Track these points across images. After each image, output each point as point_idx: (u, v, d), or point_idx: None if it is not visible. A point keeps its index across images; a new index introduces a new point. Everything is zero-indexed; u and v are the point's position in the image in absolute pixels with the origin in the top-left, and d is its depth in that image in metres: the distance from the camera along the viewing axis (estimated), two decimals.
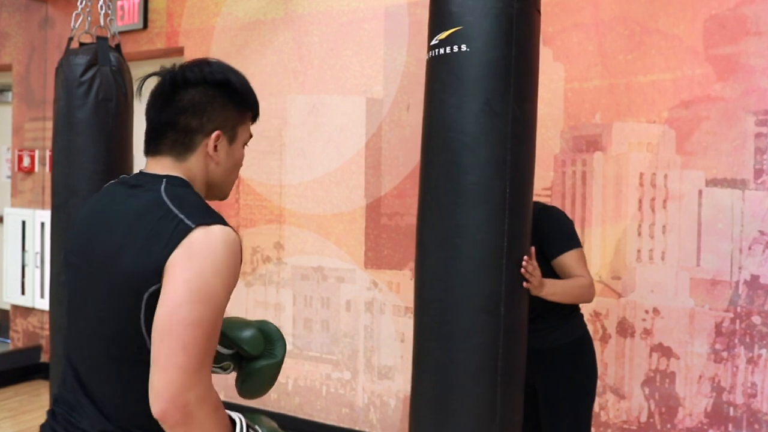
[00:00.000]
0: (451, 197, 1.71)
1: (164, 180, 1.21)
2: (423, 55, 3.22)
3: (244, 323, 1.36)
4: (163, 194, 1.17)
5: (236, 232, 1.17)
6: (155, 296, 1.09)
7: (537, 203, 2.20)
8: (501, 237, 1.70)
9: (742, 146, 2.54)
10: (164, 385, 1.05)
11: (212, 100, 1.24)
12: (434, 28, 1.76)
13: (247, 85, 1.30)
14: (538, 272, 1.85)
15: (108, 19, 2.59)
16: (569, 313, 2.16)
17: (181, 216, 1.12)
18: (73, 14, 2.58)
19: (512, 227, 1.72)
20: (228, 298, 1.13)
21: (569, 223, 2.16)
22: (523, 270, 1.78)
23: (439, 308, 1.73)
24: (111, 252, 1.15)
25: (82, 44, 2.54)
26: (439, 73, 1.73)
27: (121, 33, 3.00)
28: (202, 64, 1.26)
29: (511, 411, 1.73)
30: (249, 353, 1.33)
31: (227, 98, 1.26)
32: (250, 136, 1.33)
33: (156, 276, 1.09)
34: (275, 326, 1.40)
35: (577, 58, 2.84)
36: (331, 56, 3.43)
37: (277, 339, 1.37)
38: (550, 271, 2.06)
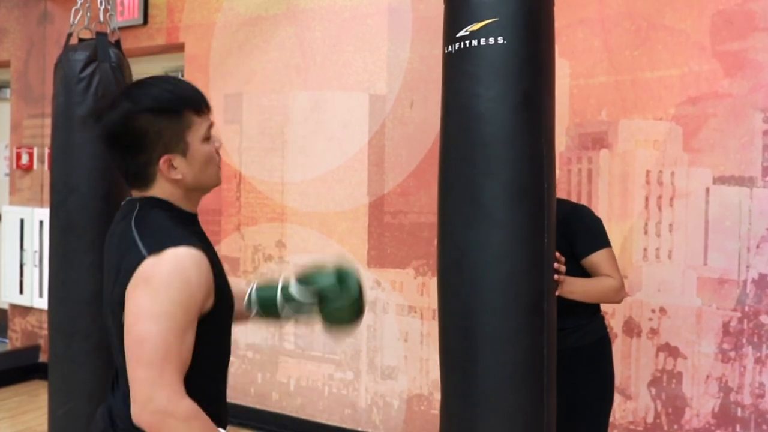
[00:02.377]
0: (492, 194, 1.67)
1: (138, 205, 1.26)
2: (427, 51, 3.20)
3: (321, 271, 1.49)
4: (132, 223, 1.23)
5: (200, 248, 1.19)
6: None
7: (567, 202, 2.20)
8: (542, 234, 1.68)
9: (750, 143, 2.51)
10: (132, 397, 1.14)
11: (145, 130, 1.22)
12: (460, 19, 1.72)
13: (171, 90, 1.24)
14: (564, 269, 1.87)
15: (107, 14, 2.55)
16: (593, 313, 2.15)
17: (140, 245, 1.18)
18: (72, 10, 2.54)
19: (549, 223, 1.71)
20: (189, 314, 1.16)
21: (598, 223, 2.15)
22: (556, 265, 1.79)
23: (483, 311, 1.68)
24: (106, 282, 1.27)
25: (81, 40, 2.50)
26: (472, 66, 1.69)
27: (121, 29, 2.97)
28: (120, 100, 1.24)
29: (553, 413, 1.73)
30: (329, 300, 1.47)
31: (158, 119, 1.22)
32: (211, 125, 1.29)
33: (122, 305, 1.18)
34: (348, 267, 1.51)
35: (582, 54, 2.81)
36: (333, 52, 3.39)
37: (346, 280, 1.48)
38: (579, 271, 2.05)
